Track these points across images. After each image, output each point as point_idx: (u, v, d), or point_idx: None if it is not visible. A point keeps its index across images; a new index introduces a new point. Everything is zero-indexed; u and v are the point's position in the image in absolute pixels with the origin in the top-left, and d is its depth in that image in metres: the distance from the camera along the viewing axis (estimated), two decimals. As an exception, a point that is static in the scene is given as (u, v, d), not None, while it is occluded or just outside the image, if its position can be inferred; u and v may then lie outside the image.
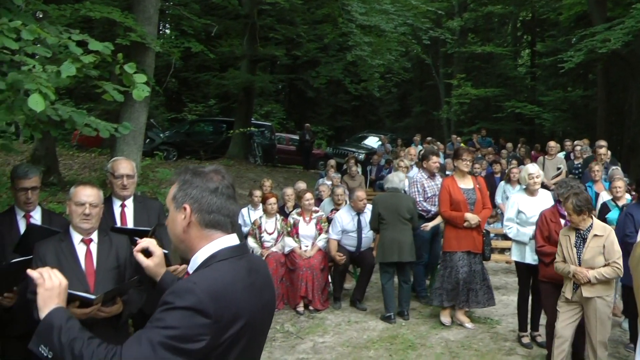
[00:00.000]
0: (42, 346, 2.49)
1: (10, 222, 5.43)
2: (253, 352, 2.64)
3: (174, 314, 2.35)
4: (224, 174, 2.70)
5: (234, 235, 2.66)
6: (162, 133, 25.34)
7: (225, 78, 26.10)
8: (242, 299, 2.49)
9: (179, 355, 2.32)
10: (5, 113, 4.73)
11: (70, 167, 17.59)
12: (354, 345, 8.15)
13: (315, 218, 10.04)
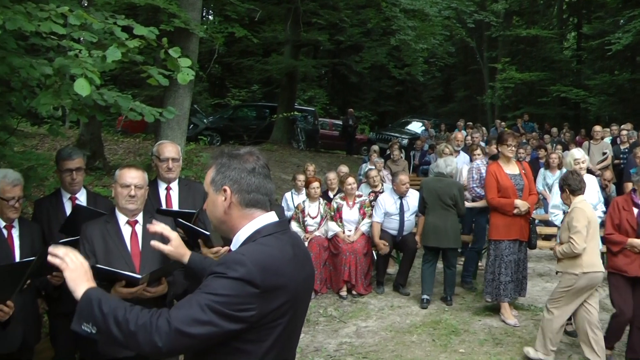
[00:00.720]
0: (85, 324, 2.53)
1: (57, 203, 5.55)
2: (298, 323, 2.75)
3: (224, 283, 2.44)
4: (258, 155, 2.77)
5: (273, 213, 2.75)
6: (206, 118, 25.49)
7: (268, 63, 26.19)
8: (288, 271, 2.58)
9: (227, 321, 2.42)
10: (53, 97, 4.81)
11: (115, 152, 17.83)
12: (397, 330, 8.15)
13: (358, 202, 10.03)
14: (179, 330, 2.40)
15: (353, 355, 7.32)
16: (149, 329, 2.41)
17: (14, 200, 4.86)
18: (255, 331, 2.49)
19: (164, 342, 2.40)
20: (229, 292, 2.42)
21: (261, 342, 2.53)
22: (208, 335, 2.42)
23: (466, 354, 7.29)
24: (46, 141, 17.83)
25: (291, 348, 2.76)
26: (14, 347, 4.96)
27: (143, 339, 2.42)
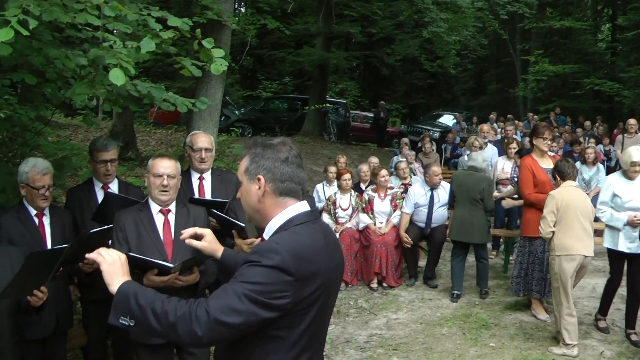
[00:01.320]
0: (122, 317, 2.58)
1: (89, 192, 5.64)
2: (328, 310, 2.80)
3: (259, 271, 2.49)
4: (290, 145, 2.81)
5: (305, 202, 2.79)
6: (237, 110, 25.58)
7: (300, 55, 26.21)
8: (320, 259, 2.63)
9: (263, 309, 2.46)
10: (87, 87, 4.85)
11: (147, 143, 17.97)
12: (427, 323, 8.14)
13: (390, 194, 10.00)
14: (218, 320, 2.43)
15: (383, 347, 7.32)
16: (188, 320, 2.45)
17: (44, 189, 4.93)
18: (288, 318, 2.54)
19: (204, 332, 2.44)
20: (264, 280, 2.47)
21: (293, 329, 2.58)
22: (246, 324, 2.46)
23: (496, 348, 7.25)
24: (79, 132, 18.03)
25: (321, 334, 2.82)
26: (47, 333, 5.05)
27: (183, 329, 2.46)
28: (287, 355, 2.61)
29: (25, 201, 5.02)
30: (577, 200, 7.06)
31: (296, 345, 2.61)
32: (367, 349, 7.24)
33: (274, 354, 2.60)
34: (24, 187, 4.94)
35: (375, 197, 9.94)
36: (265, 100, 28.02)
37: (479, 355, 7.04)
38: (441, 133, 23.42)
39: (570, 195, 7.08)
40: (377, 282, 9.63)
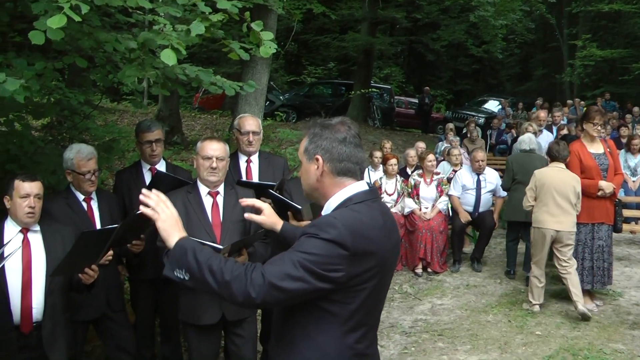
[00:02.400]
0: (177, 269, 2.65)
1: (137, 175, 5.70)
2: (383, 290, 2.83)
3: (316, 243, 2.55)
4: (349, 125, 2.84)
5: (364, 182, 2.83)
6: (282, 95, 25.62)
7: (345, 40, 26.11)
8: (377, 237, 2.67)
9: (317, 279, 2.53)
10: (137, 70, 4.89)
11: (192, 128, 18.11)
12: (472, 309, 8.10)
13: (436, 180, 9.94)
14: (272, 284, 2.50)
15: (428, 332, 7.30)
16: (243, 280, 2.52)
17: (90, 174, 5.00)
18: (342, 293, 2.59)
19: (257, 293, 2.50)
20: (320, 251, 2.53)
21: (347, 304, 2.62)
22: (299, 291, 2.52)
23: (542, 336, 7.17)
24: (125, 117, 18.25)
25: (375, 314, 2.85)
26: (98, 313, 5.14)
27: (237, 289, 2.53)
28: (339, 331, 2.65)
29: (72, 187, 5.10)
30: (557, 180, 7.75)
31: (349, 322, 2.65)
32: (412, 334, 7.23)
33: (327, 330, 2.65)
34: (70, 173, 5.03)
35: (422, 182, 9.88)
36: (309, 85, 27.98)
37: (525, 343, 6.97)
38: (486, 119, 23.22)
39: (551, 176, 7.84)
40: (422, 268, 9.60)
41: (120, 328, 5.31)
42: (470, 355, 6.69)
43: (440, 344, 6.99)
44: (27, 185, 4.28)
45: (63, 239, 4.49)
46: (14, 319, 4.27)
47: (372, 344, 2.84)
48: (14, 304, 4.25)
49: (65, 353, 4.48)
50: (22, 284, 4.28)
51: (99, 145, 5.41)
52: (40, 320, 4.34)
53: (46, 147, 7.13)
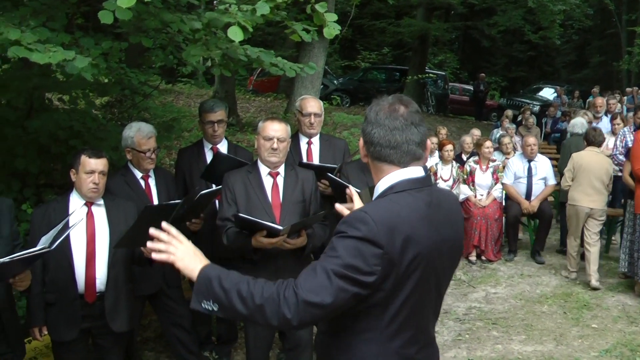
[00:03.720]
0: (205, 301, 2.42)
1: (199, 153, 5.73)
2: (428, 289, 2.52)
3: (346, 243, 2.33)
4: (400, 104, 2.55)
5: (417, 168, 2.53)
6: (336, 80, 25.61)
7: (400, 26, 25.94)
8: (417, 231, 2.39)
9: (353, 285, 2.30)
10: (202, 49, 4.93)
11: (247, 110, 18.19)
12: (527, 299, 8.01)
13: (492, 167, 9.84)
14: (307, 301, 2.29)
15: (482, 320, 7.26)
16: (276, 301, 2.32)
17: (150, 152, 5.07)
18: (380, 294, 2.37)
19: (293, 314, 2.30)
20: (351, 252, 2.31)
21: (387, 305, 2.40)
22: (336, 303, 2.31)
23: (599, 329, 7.06)
24: (180, 98, 18.41)
25: (424, 316, 2.57)
26: (155, 289, 5.22)
27: (271, 312, 2.32)
28: (382, 336, 2.45)
29: (131, 164, 5.18)
30: (592, 163, 8.55)
31: (392, 325, 2.44)
32: (466, 322, 7.19)
33: (370, 335, 2.46)
34: (129, 150, 5.10)
35: (477, 168, 9.79)
36: (363, 70, 27.92)
37: (580, 336, 6.88)
38: (541, 107, 22.89)
39: (587, 158, 8.62)
40: (476, 255, 9.53)
41: (176, 304, 5.38)
42: (525, 345, 6.62)
43: (495, 332, 6.94)
44: (92, 162, 4.35)
45: (125, 213, 4.57)
46: (79, 289, 4.38)
47: (423, 348, 2.58)
48: (78, 275, 4.36)
49: (126, 324, 4.58)
50: (87, 255, 4.39)
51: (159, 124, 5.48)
52: (103, 290, 4.44)
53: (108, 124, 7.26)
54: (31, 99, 6.73)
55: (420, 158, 2.55)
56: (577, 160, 8.66)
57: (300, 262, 4.54)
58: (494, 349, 6.54)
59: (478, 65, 37.09)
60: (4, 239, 4.06)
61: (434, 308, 2.65)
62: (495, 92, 34.61)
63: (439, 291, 2.64)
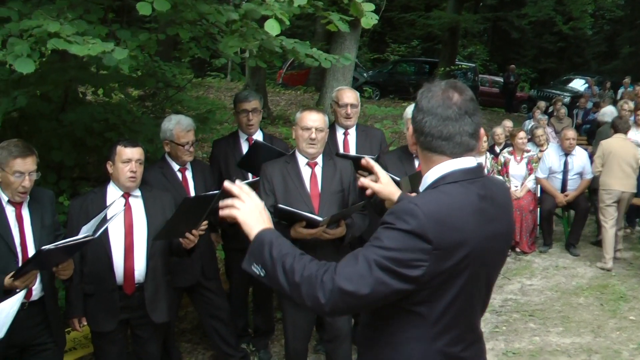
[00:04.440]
0: (255, 264, 2.41)
1: (234, 144, 5.75)
2: (478, 286, 2.41)
3: (393, 235, 2.22)
4: (454, 91, 2.40)
5: (468, 158, 2.40)
6: (366, 72, 25.58)
7: (430, 18, 25.83)
8: (469, 226, 2.27)
9: (395, 279, 2.19)
10: (239, 40, 4.92)
11: (277, 103, 18.23)
12: (563, 291, 7.93)
13: (526, 157, 9.75)
14: (343, 289, 2.20)
15: (519, 312, 7.20)
16: (313, 283, 2.24)
17: (188, 145, 5.06)
18: (427, 292, 2.25)
19: (327, 299, 2.21)
20: (398, 245, 2.19)
21: (434, 304, 2.29)
22: (374, 295, 2.20)
23: (637, 322, 6.97)
24: (210, 92, 18.50)
25: (472, 314, 2.45)
26: (193, 281, 5.23)
27: (306, 292, 2.25)
28: (428, 334, 2.33)
29: (168, 156, 5.18)
30: (620, 149, 8.99)
31: (438, 324, 2.32)
32: (503, 314, 7.13)
33: (414, 333, 2.35)
34: (168, 143, 5.10)
35: (512, 159, 9.71)
36: (393, 63, 27.88)
37: (618, 328, 6.80)
38: (572, 98, 22.65)
39: (615, 145, 9.06)
40: (510, 247, 9.42)
41: (214, 296, 5.37)
42: (562, 337, 6.56)
43: (532, 324, 6.89)
44: (129, 151, 4.36)
45: (163, 205, 4.59)
46: (117, 280, 4.41)
47: (469, 347, 2.45)
48: (116, 266, 4.39)
49: (166, 314, 4.60)
50: (125, 247, 4.41)
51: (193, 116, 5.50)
52: (141, 282, 4.46)
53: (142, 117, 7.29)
54: (66, 92, 6.78)
55: (473, 149, 2.43)
56: (606, 146, 9.11)
57: (338, 252, 4.52)
58: (532, 341, 6.49)
59: (507, 56, 36.76)
60: (46, 229, 4.11)
61: (482, 304, 2.54)
62: (525, 84, 34.28)
63: (488, 287, 2.53)
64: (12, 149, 3.89)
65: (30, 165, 3.93)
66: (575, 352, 6.25)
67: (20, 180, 3.88)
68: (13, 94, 4.88)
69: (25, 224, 4.05)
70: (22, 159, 3.88)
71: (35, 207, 4.10)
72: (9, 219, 3.98)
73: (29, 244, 4.03)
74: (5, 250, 3.92)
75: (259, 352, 5.99)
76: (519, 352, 6.24)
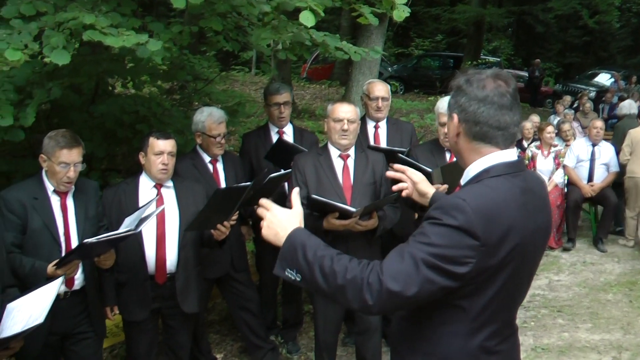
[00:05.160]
0: (288, 270, 2.33)
1: (265, 136, 5.77)
2: (521, 280, 2.39)
3: (440, 231, 2.17)
4: (502, 80, 2.35)
5: (511, 151, 2.37)
6: (390, 67, 25.53)
7: (455, 12, 25.71)
8: (514, 220, 2.23)
9: (442, 276, 2.16)
10: (272, 32, 4.92)
11: (302, 97, 18.25)
12: (591, 287, 7.88)
13: (553, 152, 9.68)
14: (390, 290, 2.15)
15: (547, 307, 7.16)
16: (359, 285, 2.18)
17: (219, 137, 5.08)
18: (472, 286, 2.23)
19: (375, 300, 2.17)
20: (445, 242, 2.15)
21: (476, 298, 2.26)
22: (421, 293, 2.17)
23: (667, 320, 6.92)
24: (235, 85, 18.50)
25: (511, 308, 2.44)
26: (223, 272, 5.25)
27: (352, 295, 2.20)
28: (468, 328, 2.31)
29: (200, 148, 5.20)
30: None
31: (479, 318, 2.29)
32: (531, 309, 7.09)
33: (453, 326, 2.32)
34: (199, 135, 5.11)
35: (539, 154, 9.64)
36: (417, 57, 27.85)
37: (648, 325, 6.75)
38: (597, 93, 22.46)
39: None
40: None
41: (244, 288, 5.40)
42: (592, 334, 6.52)
43: (560, 320, 6.85)
44: (161, 143, 4.38)
45: (195, 196, 4.61)
46: (149, 270, 4.45)
47: (505, 340, 2.42)
48: (148, 256, 4.43)
49: (196, 305, 4.63)
50: (157, 237, 4.45)
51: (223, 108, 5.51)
52: (173, 272, 4.49)
53: (172, 109, 7.32)
54: (97, 85, 6.83)
55: (515, 141, 2.44)
56: (634, 135, 9.47)
57: (370, 244, 4.55)
58: (561, 337, 6.45)
59: (532, 51, 36.48)
60: (89, 220, 4.15)
61: (522, 298, 2.52)
62: (550, 79, 34.03)
63: (529, 280, 2.50)
64: (59, 140, 3.93)
65: (76, 157, 3.96)
66: (605, 348, 6.21)
67: (65, 171, 3.92)
68: (47, 85, 4.91)
69: (70, 214, 4.09)
70: (68, 150, 3.91)
71: (80, 198, 4.14)
72: (53, 208, 4.03)
73: (72, 234, 4.07)
74: (49, 239, 3.97)
75: (287, 344, 6.00)
76: (547, 347, 6.21)
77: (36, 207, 3.96)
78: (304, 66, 24.96)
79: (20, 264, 3.80)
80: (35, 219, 3.94)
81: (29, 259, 3.84)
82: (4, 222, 3.90)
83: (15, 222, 3.91)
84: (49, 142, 3.94)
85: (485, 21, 25.38)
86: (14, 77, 4.80)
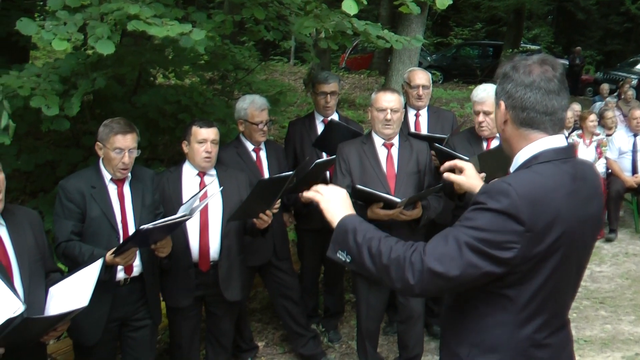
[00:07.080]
0: (340, 251, 2.42)
1: (310, 125, 5.78)
2: (569, 270, 2.32)
3: (484, 215, 2.17)
4: (549, 65, 2.32)
5: (560, 137, 2.33)
6: (429, 56, 25.42)
7: (495, 0, 25.45)
8: (562, 207, 2.20)
9: (486, 260, 2.15)
10: (314, 21, 4.93)
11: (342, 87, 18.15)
12: (634, 279, 7.78)
13: (595, 141, 9.56)
14: (432, 270, 2.18)
15: (589, 299, 7.09)
16: (402, 264, 2.23)
17: (262, 124, 5.10)
18: (517, 274, 2.20)
19: (416, 280, 2.20)
20: (490, 226, 2.15)
21: (523, 287, 2.22)
22: (464, 276, 2.17)
23: None
24: (274, 75, 18.55)
25: (561, 299, 2.37)
26: (265, 260, 5.27)
27: (396, 274, 2.24)
28: (516, 319, 2.27)
29: (243, 136, 5.23)
30: None
31: (527, 308, 2.25)
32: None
33: (500, 316, 2.28)
34: (242, 122, 5.14)
35: (581, 142, 9.53)
36: (456, 46, 27.71)
37: (692, 318, 6.65)
38: (639, 80, 22.10)
39: None
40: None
41: (286, 276, 5.41)
42: (635, 326, 6.43)
43: (603, 312, 6.78)
44: (204, 131, 4.42)
45: (238, 184, 4.65)
46: (193, 257, 4.50)
47: (554, 333, 2.36)
48: (192, 243, 4.48)
49: (239, 293, 4.68)
50: (200, 225, 4.49)
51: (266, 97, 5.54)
52: (216, 260, 4.53)
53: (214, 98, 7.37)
54: (139, 75, 6.90)
55: (564, 126, 2.42)
56: None
57: (414, 234, 4.53)
58: (603, 329, 6.38)
59: (572, 38, 35.96)
60: (146, 208, 4.21)
61: (572, 289, 2.46)
62: (590, 67, 33.53)
63: (579, 271, 2.44)
64: (113, 126, 4.01)
65: (130, 142, 4.03)
66: (648, 341, 6.14)
67: (120, 157, 3.98)
68: (92, 76, 4.98)
69: (127, 202, 4.16)
70: (123, 136, 3.98)
71: (137, 186, 4.21)
72: (111, 197, 4.10)
73: (129, 221, 4.14)
74: (107, 228, 4.04)
75: (328, 333, 6.02)
76: (590, 339, 6.16)
77: (94, 195, 4.03)
78: (343, 56, 24.94)
79: (79, 251, 3.87)
80: (93, 207, 4.02)
81: (88, 246, 3.91)
82: (64, 211, 3.99)
83: (75, 210, 3.99)
84: (103, 129, 4.03)
85: (525, 8, 25.03)
86: (59, 68, 4.86)
